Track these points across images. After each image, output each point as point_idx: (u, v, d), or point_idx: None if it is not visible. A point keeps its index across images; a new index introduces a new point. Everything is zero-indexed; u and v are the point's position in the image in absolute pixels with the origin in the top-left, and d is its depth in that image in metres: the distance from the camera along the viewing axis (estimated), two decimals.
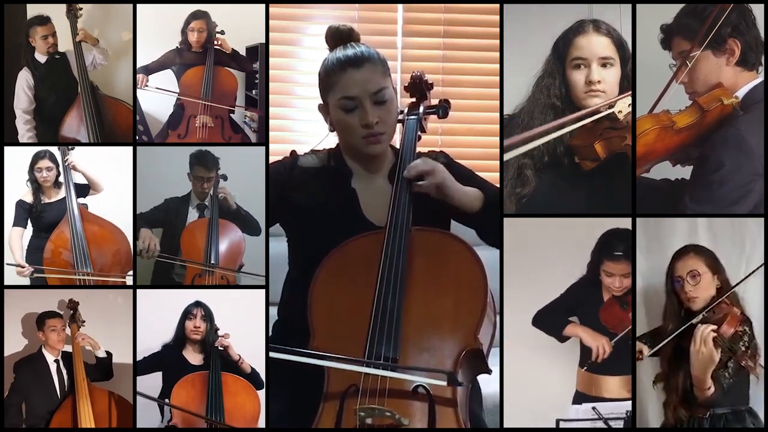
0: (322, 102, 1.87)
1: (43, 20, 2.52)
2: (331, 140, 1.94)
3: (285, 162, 1.94)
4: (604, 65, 1.97)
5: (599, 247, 2.16)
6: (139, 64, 2.53)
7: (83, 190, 2.46)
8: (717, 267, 2.01)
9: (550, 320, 2.20)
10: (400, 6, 3.36)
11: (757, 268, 2.00)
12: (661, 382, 2.05)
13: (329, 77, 1.81)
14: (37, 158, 2.41)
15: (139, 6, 2.34)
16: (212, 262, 2.48)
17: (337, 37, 1.85)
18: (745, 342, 1.92)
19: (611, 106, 1.91)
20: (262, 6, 2.32)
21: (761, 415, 2.00)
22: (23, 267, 2.32)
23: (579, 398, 2.17)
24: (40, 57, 2.54)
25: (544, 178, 2.01)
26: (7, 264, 2.30)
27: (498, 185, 1.97)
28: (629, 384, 2.08)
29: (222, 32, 2.70)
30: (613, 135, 1.91)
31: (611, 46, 1.98)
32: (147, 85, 2.65)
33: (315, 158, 1.94)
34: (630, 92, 1.92)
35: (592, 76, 1.96)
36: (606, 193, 2.00)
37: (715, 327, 1.89)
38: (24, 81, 2.53)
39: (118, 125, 2.50)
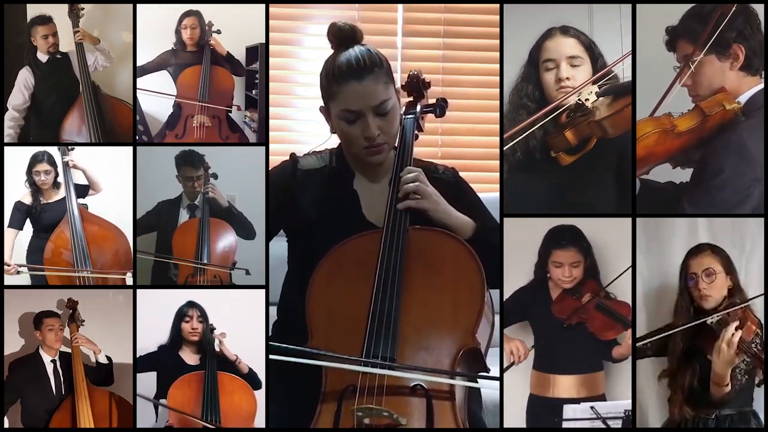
0: (323, 104, 1.86)
1: (45, 20, 2.51)
2: (334, 140, 1.93)
3: (285, 166, 1.93)
4: (573, 65, 2.04)
5: (545, 242, 2.18)
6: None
7: (83, 190, 2.46)
8: (730, 268, 2.02)
9: None
10: (400, 6, 3.36)
11: None
12: (667, 378, 2.05)
13: (330, 85, 1.78)
14: (35, 161, 2.40)
15: (140, 6, 2.34)
16: (204, 261, 2.47)
17: (339, 36, 1.80)
18: (760, 348, 1.92)
19: (579, 94, 1.98)
20: (262, 6, 2.32)
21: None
22: (9, 265, 2.31)
23: (534, 400, 2.18)
24: (42, 56, 2.54)
25: (519, 176, 2.06)
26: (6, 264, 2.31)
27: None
28: (585, 383, 2.12)
29: (218, 31, 2.69)
30: (581, 121, 1.97)
31: (578, 47, 2.05)
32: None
33: (317, 159, 1.94)
34: (594, 78, 1.99)
35: (561, 74, 2.03)
36: (585, 189, 2.03)
37: (739, 331, 1.88)
38: (23, 79, 2.52)
39: (120, 125, 2.49)
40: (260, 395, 2.14)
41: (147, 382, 2.21)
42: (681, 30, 1.94)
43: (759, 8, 1.94)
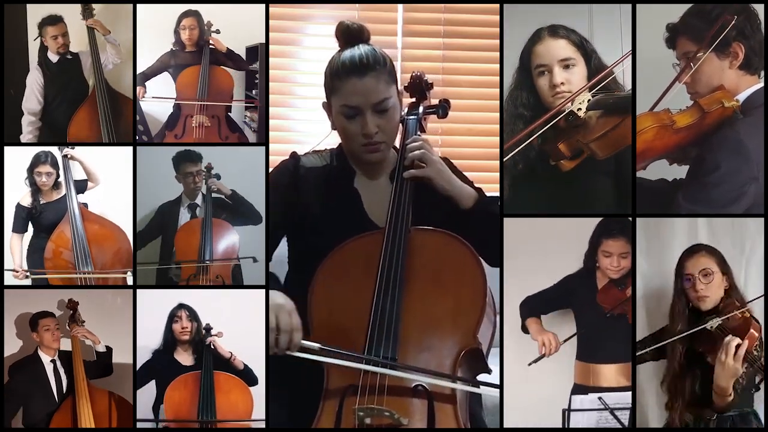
0: (326, 100, 1.87)
1: (54, 20, 2.51)
2: (334, 139, 1.94)
3: (287, 164, 1.93)
4: (566, 67, 2.00)
5: (597, 232, 2.16)
6: (140, 67, 2.53)
7: (82, 185, 2.46)
8: (726, 268, 2.00)
9: (528, 308, 2.19)
10: (400, 6, 3.36)
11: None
12: (667, 383, 2.02)
13: (333, 80, 1.81)
14: (37, 161, 2.39)
15: (142, 6, 2.33)
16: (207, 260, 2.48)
17: (347, 35, 1.84)
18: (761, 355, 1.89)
19: (572, 102, 1.95)
20: (262, 6, 2.32)
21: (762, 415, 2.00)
22: (17, 271, 2.33)
23: (578, 390, 2.15)
24: (53, 57, 2.54)
25: (522, 186, 2.05)
26: (6, 270, 2.31)
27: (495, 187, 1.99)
28: (627, 370, 2.08)
29: (217, 31, 2.69)
30: (572, 134, 1.95)
31: (569, 47, 2.01)
32: (145, 96, 2.66)
33: (318, 158, 1.95)
34: (587, 86, 1.96)
35: (554, 80, 2.00)
36: (586, 193, 2.03)
37: (740, 341, 1.84)
38: (34, 81, 2.53)
39: (130, 123, 2.50)
40: (257, 394, 2.15)
41: (146, 388, 2.22)
42: (682, 28, 1.95)
43: (759, 8, 1.95)
